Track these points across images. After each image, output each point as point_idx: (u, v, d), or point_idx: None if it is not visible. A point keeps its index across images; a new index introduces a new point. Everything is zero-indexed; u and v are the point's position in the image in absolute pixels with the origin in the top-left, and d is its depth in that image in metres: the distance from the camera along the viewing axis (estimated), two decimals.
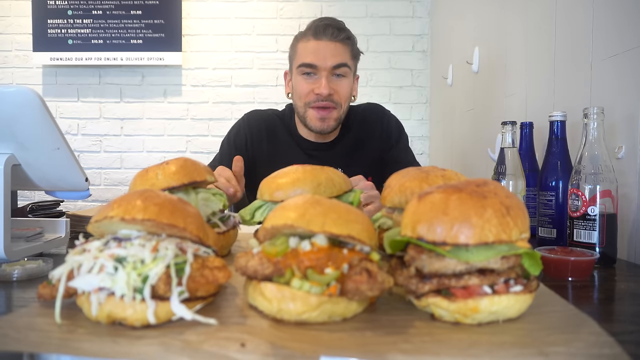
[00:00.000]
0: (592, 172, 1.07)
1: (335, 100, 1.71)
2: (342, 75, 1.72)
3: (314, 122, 1.74)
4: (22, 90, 0.86)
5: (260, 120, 1.91)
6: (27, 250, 1.00)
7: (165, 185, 0.86)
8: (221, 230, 0.93)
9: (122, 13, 3.53)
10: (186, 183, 0.87)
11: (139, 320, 0.59)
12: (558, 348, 0.53)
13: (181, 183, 0.87)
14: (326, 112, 1.72)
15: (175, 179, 0.86)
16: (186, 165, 0.89)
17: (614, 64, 1.28)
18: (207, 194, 0.93)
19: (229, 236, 0.96)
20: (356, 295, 0.59)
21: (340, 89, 1.71)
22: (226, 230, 0.94)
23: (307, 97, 1.73)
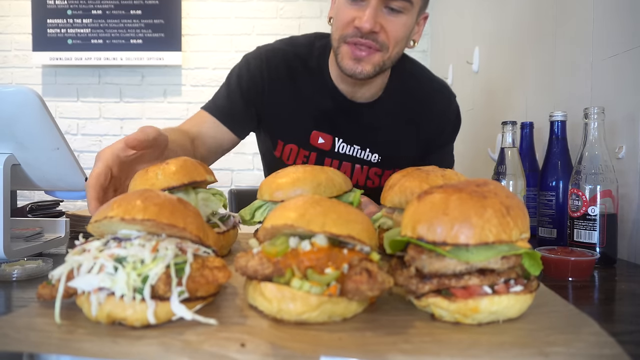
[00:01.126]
0: (593, 172, 1.07)
1: (380, 41, 1.31)
2: (398, 10, 1.30)
3: (345, 61, 1.36)
4: (21, 90, 0.86)
5: (281, 63, 1.51)
6: (27, 250, 1.00)
7: (166, 185, 0.85)
8: (221, 230, 0.92)
9: (122, 13, 3.53)
10: (186, 183, 0.86)
11: (138, 320, 0.59)
12: (558, 348, 0.53)
13: (181, 183, 0.86)
14: (365, 52, 1.33)
15: (175, 178, 0.86)
16: (186, 165, 0.88)
17: (615, 64, 1.28)
18: (207, 194, 0.92)
19: (229, 236, 0.95)
20: (356, 295, 0.59)
21: (391, 26, 1.30)
22: (226, 230, 0.94)
23: (346, 28, 1.33)
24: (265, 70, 1.50)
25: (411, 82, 1.57)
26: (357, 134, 1.55)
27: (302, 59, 1.52)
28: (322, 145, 1.55)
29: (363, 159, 1.56)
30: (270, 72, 1.50)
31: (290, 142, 1.55)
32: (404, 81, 1.56)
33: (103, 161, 0.88)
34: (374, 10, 1.25)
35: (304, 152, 1.56)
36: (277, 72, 1.51)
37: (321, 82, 1.51)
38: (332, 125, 1.54)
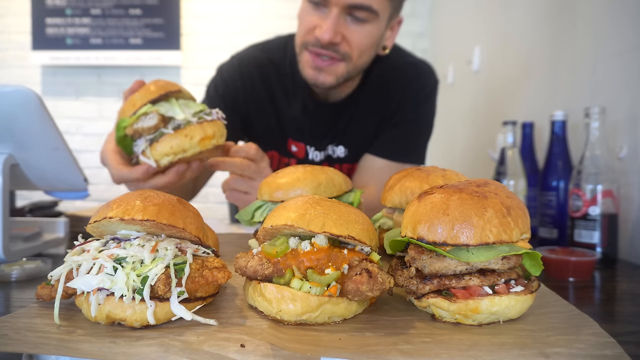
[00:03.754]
0: (594, 172, 1.07)
1: (342, 52, 1.25)
2: (361, 19, 1.23)
3: (306, 69, 1.32)
4: (20, 90, 0.86)
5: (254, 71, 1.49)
6: (26, 251, 1.00)
7: (147, 100, 1.01)
8: (209, 119, 1.04)
9: (121, 12, 3.53)
10: (163, 94, 1.02)
11: (138, 320, 0.58)
12: (559, 349, 0.53)
13: (159, 94, 1.01)
14: (326, 62, 1.27)
15: (154, 92, 1.02)
16: (159, 81, 1.06)
17: (616, 64, 1.28)
18: (186, 100, 1.08)
19: (217, 124, 1.05)
20: (356, 295, 0.59)
21: (354, 37, 1.24)
22: (214, 119, 1.05)
23: (307, 35, 1.27)
24: (239, 79, 1.50)
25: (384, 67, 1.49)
26: (330, 134, 1.53)
27: (276, 64, 1.49)
28: (296, 153, 1.56)
29: (338, 157, 1.55)
30: (244, 81, 1.49)
31: (270, 149, 1.56)
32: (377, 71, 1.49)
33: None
34: (335, 21, 1.19)
35: (284, 160, 1.58)
36: (251, 81, 1.49)
37: (293, 87, 1.48)
38: (305, 131, 1.52)
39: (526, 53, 1.88)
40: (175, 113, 1.01)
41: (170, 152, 0.99)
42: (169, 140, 0.98)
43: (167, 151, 0.99)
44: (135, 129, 1.01)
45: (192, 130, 1.00)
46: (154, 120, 1.00)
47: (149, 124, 1.00)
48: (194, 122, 1.01)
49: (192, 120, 1.01)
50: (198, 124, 1.01)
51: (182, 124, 1.00)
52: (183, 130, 0.99)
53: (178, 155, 1.00)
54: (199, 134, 1.00)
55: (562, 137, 1.27)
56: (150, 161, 1.00)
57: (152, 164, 1.00)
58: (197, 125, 1.00)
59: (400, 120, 1.49)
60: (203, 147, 1.01)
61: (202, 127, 1.01)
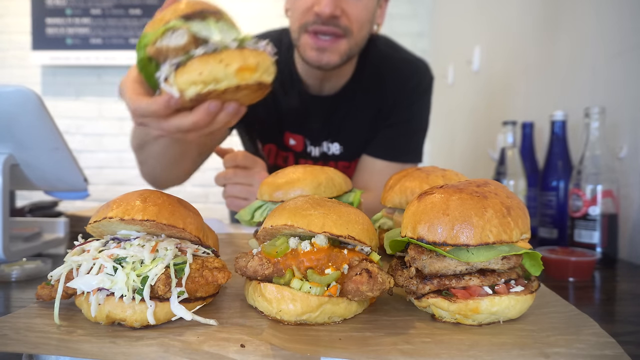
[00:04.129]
0: (594, 172, 1.07)
1: (343, 25, 1.22)
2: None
3: (308, 52, 1.28)
4: (20, 90, 0.86)
5: None
6: (26, 251, 1.00)
7: (178, 15, 0.81)
8: (258, 50, 0.83)
9: (121, 12, 3.53)
10: (198, 10, 0.81)
11: (138, 320, 0.58)
12: (559, 349, 0.53)
13: (193, 10, 0.81)
14: (328, 41, 1.24)
15: (186, 8, 0.81)
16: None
17: (616, 64, 1.27)
18: (225, 23, 0.85)
19: (261, 56, 0.82)
20: (356, 295, 0.59)
21: (352, 9, 1.22)
22: (262, 50, 0.83)
23: (305, 15, 1.24)
24: None
25: (379, 60, 1.49)
26: (325, 130, 1.53)
27: None
28: (294, 147, 1.56)
29: (334, 154, 1.55)
30: None
31: (268, 142, 1.57)
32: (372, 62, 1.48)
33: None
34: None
35: (282, 153, 1.58)
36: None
37: (289, 80, 1.47)
38: (301, 124, 1.52)
39: (526, 53, 1.88)
40: (211, 33, 0.80)
41: (199, 79, 0.77)
42: (198, 64, 0.76)
43: (194, 78, 0.77)
44: (159, 48, 0.80)
45: (229, 55, 0.77)
46: (182, 39, 0.79)
47: (176, 42, 0.79)
48: (232, 47, 0.79)
49: (230, 45, 0.79)
50: (237, 50, 0.79)
51: (218, 48, 0.78)
52: (217, 54, 0.77)
53: (208, 86, 0.78)
54: (237, 62, 0.77)
55: (562, 137, 1.27)
56: (173, 90, 0.78)
57: (174, 94, 0.78)
58: (235, 51, 0.78)
59: (396, 121, 1.49)
60: (241, 79, 0.78)
61: (242, 54, 0.78)
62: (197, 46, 0.79)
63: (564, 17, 1.58)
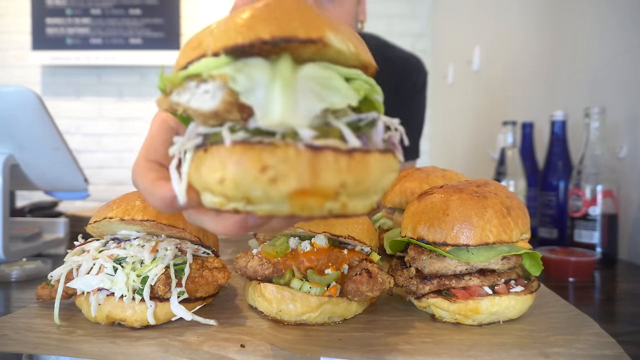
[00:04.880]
0: (593, 172, 1.07)
1: None
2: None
3: None
4: (20, 90, 0.86)
5: None
6: (26, 251, 1.00)
7: (223, 44, 0.35)
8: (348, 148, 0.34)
9: (121, 12, 3.53)
10: (268, 39, 0.34)
11: (138, 321, 0.58)
12: (559, 349, 0.53)
13: (258, 38, 0.34)
14: None
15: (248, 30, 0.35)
16: (274, 5, 0.36)
17: (616, 64, 1.28)
18: (323, 69, 0.37)
19: (366, 162, 0.34)
20: (356, 296, 0.59)
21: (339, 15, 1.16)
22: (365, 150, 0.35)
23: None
24: None
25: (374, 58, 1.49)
26: None
27: None
28: None
29: None
30: None
31: None
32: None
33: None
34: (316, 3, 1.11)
35: None
36: None
37: None
38: None
39: (526, 53, 1.88)
40: (270, 101, 0.33)
41: (218, 190, 0.34)
42: (220, 162, 0.34)
43: (211, 185, 0.35)
44: (175, 104, 0.38)
45: (287, 159, 0.32)
46: (213, 101, 0.35)
47: (202, 105, 0.36)
48: (305, 137, 0.32)
49: (302, 134, 0.32)
50: (309, 151, 0.32)
51: (278, 134, 0.33)
52: (264, 150, 0.32)
53: (232, 204, 0.35)
54: (295, 177, 0.32)
55: (562, 137, 1.27)
56: (180, 188, 0.39)
57: (180, 197, 0.39)
58: (305, 153, 0.32)
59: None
60: (299, 208, 0.33)
61: (313, 161, 0.32)
62: (243, 114, 0.35)
63: (564, 17, 1.58)
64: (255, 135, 0.34)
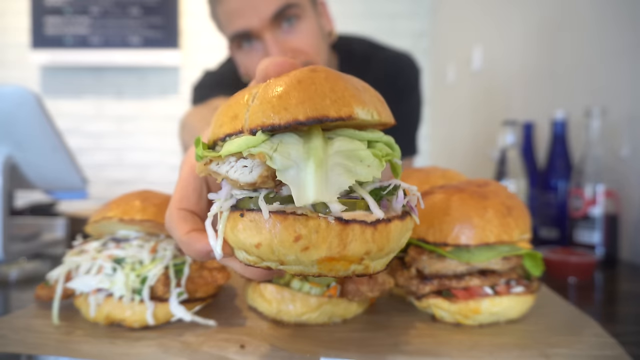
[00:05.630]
0: (594, 172, 1.07)
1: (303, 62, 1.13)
2: (294, 17, 1.12)
3: None
4: (19, 90, 0.86)
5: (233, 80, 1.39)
6: (25, 251, 0.99)
7: (263, 123, 0.38)
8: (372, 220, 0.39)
9: (120, 11, 3.53)
10: (304, 121, 0.37)
11: (137, 321, 0.58)
12: (560, 349, 0.53)
13: (294, 119, 0.37)
14: None
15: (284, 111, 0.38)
16: (306, 83, 0.39)
17: (616, 64, 1.27)
18: (350, 141, 0.40)
19: (388, 231, 0.39)
20: (356, 296, 0.59)
21: (298, 40, 1.12)
22: (387, 220, 0.39)
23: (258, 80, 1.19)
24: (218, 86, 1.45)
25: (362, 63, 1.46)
26: None
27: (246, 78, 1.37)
28: None
29: None
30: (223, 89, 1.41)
31: None
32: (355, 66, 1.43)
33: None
34: (273, 41, 1.09)
35: None
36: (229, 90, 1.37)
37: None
38: None
39: (526, 53, 1.88)
40: (305, 180, 0.37)
41: (253, 251, 0.40)
42: (253, 231, 0.39)
43: (246, 246, 0.40)
44: (212, 172, 0.43)
45: (318, 231, 0.37)
46: (251, 175, 0.41)
47: (240, 177, 0.41)
48: (335, 211, 0.38)
49: (332, 208, 0.38)
50: (336, 224, 0.37)
51: (310, 207, 0.38)
52: (297, 222, 0.38)
53: (266, 263, 0.41)
54: (325, 247, 0.38)
55: (562, 137, 1.27)
56: (216, 244, 0.43)
57: (216, 252, 0.43)
58: (333, 227, 0.37)
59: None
60: (327, 270, 0.40)
61: (342, 233, 0.38)
62: (277, 182, 0.40)
63: (564, 17, 1.58)
64: (287, 202, 0.39)
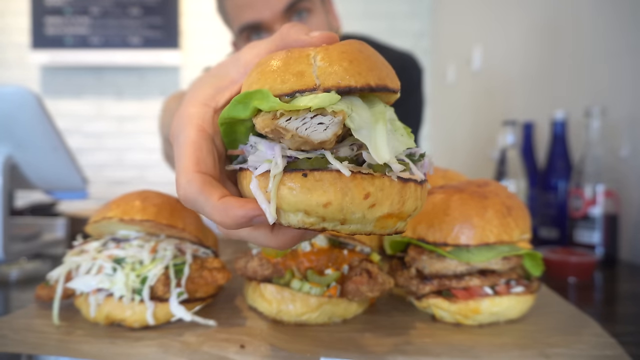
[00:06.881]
0: (594, 172, 1.07)
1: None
2: (304, 11, 1.12)
3: None
4: (19, 90, 0.86)
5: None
6: (25, 251, 0.99)
7: (339, 84, 0.38)
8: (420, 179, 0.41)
9: (120, 12, 3.53)
10: (374, 87, 0.39)
11: (137, 321, 0.58)
12: (559, 349, 0.53)
13: (367, 84, 0.38)
14: None
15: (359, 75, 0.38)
16: (366, 54, 0.40)
17: (616, 64, 1.27)
18: (392, 111, 0.43)
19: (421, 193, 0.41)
20: (356, 296, 0.59)
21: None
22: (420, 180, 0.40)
23: None
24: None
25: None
26: None
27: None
28: None
29: None
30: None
31: None
32: None
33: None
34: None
35: None
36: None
37: None
38: None
39: (526, 53, 1.88)
40: (377, 140, 0.39)
41: (319, 212, 0.38)
42: (328, 186, 0.37)
43: (312, 208, 0.37)
44: (281, 128, 0.38)
45: (384, 188, 0.38)
46: (325, 132, 0.38)
47: (314, 134, 0.38)
48: (396, 170, 0.38)
49: (394, 168, 0.38)
50: (398, 183, 0.38)
51: (375, 166, 0.38)
52: (365, 180, 0.37)
53: (325, 224, 0.39)
54: (388, 204, 0.38)
55: (562, 137, 1.27)
56: (269, 208, 0.38)
57: (268, 215, 0.38)
58: (395, 184, 0.38)
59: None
60: (380, 228, 0.40)
61: (402, 191, 0.39)
62: (337, 142, 0.39)
63: (564, 17, 1.58)
64: (350, 162, 0.39)
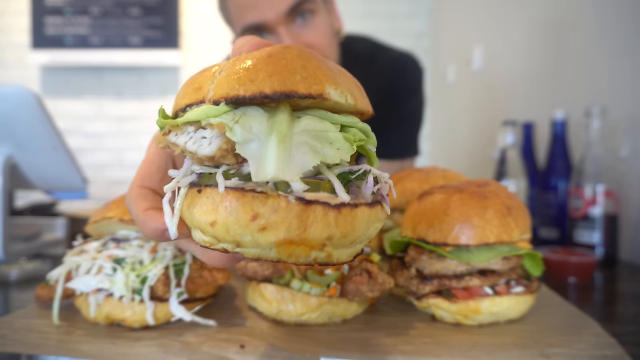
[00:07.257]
0: (594, 172, 1.07)
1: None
2: (308, 12, 1.11)
3: None
4: (19, 90, 0.86)
5: None
6: (25, 251, 0.99)
7: (227, 94, 0.35)
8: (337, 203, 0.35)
9: (120, 12, 3.53)
10: (269, 94, 0.35)
11: (137, 321, 0.58)
12: (559, 349, 0.53)
13: (260, 92, 0.35)
14: None
15: (250, 83, 0.35)
16: (276, 58, 0.36)
17: (616, 64, 1.27)
18: (319, 121, 0.37)
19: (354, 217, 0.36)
20: (356, 296, 0.59)
21: (311, 36, 1.11)
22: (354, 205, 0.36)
23: None
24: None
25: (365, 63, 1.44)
26: None
27: None
28: None
29: None
30: None
31: None
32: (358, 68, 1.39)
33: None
34: (289, 38, 1.08)
35: None
36: None
37: None
38: None
39: (526, 53, 1.88)
40: (267, 152, 0.34)
41: (209, 231, 0.36)
42: (213, 205, 0.35)
43: (202, 225, 0.36)
44: (170, 143, 0.39)
45: (277, 210, 0.33)
46: (210, 147, 0.36)
47: (198, 148, 0.37)
48: (297, 190, 0.34)
49: (294, 187, 0.33)
50: (299, 205, 0.33)
51: (272, 183, 0.35)
52: (256, 200, 0.34)
53: (221, 245, 0.37)
54: (283, 229, 0.34)
55: (562, 137, 1.27)
56: (172, 223, 0.39)
57: (171, 232, 0.39)
58: (293, 206, 0.33)
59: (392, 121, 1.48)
60: (286, 255, 0.37)
61: (302, 215, 0.34)
62: (238, 159, 0.36)
63: (564, 17, 1.58)
64: (248, 180, 0.35)
